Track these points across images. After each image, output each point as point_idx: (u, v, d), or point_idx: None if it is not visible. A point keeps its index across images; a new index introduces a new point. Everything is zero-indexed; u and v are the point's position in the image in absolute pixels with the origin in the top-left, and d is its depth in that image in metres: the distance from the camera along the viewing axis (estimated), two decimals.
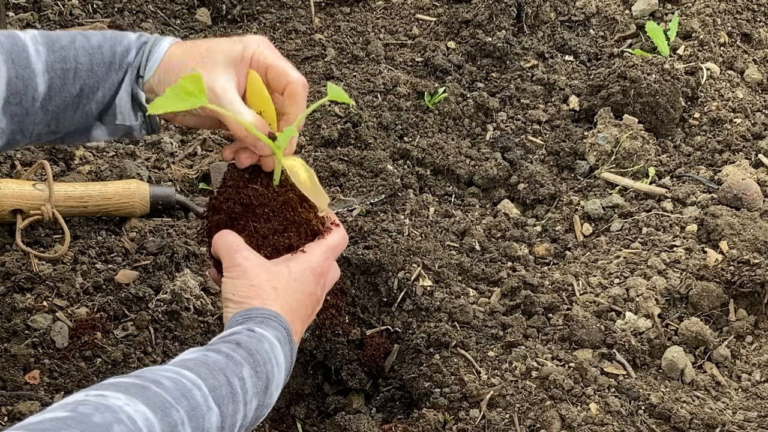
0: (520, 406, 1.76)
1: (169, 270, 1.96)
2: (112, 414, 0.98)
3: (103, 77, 1.38)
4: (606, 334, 1.93)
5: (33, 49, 1.33)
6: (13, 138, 1.35)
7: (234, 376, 1.17)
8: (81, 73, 1.36)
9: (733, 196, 2.25)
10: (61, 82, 1.34)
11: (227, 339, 1.23)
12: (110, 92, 1.39)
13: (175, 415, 1.05)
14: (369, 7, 2.99)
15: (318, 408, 1.99)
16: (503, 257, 2.22)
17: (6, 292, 1.85)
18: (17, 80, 1.30)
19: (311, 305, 1.39)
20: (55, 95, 1.35)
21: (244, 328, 1.25)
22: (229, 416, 1.14)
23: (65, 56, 1.35)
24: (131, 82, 1.40)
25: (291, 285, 1.34)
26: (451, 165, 2.47)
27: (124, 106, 1.41)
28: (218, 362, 1.17)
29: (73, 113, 1.38)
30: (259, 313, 1.29)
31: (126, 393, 1.03)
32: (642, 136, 2.46)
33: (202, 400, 1.10)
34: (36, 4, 2.78)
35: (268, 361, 1.23)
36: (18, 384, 1.69)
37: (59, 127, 1.39)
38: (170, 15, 2.91)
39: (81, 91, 1.37)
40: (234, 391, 1.16)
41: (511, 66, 2.78)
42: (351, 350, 1.99)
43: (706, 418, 1.75)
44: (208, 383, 1.13)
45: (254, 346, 1.23)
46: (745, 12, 2.88)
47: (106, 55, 1.38)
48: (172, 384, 1.08)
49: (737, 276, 1.98)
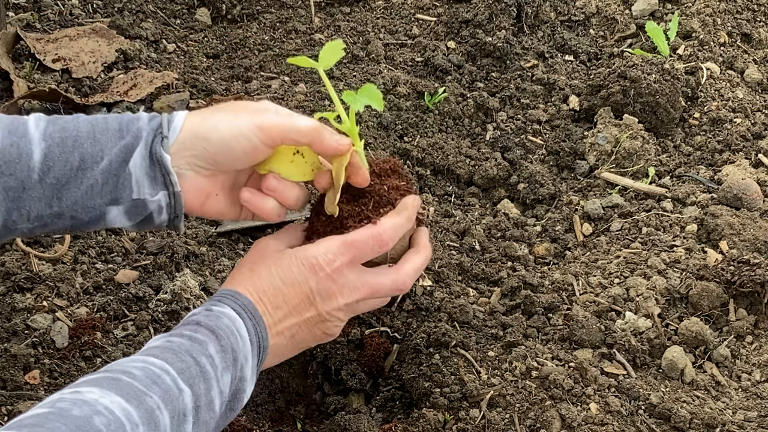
0: (520, 406, 1.76)
1: (169, 270, 1.96)
2: (89, 407, 0.99)
3: (108, 144, 1.25)
4: (606, 334, 1.93)
5: (33, 122, 1.25)
6: (9, 217, 1.23)
7: (201, 355, 1.17)
8: (81, 140, 1.24)
9: (733, 196, 2.25)
10: (59, 150, 1.23)
11: (187, 321, 1.24)
12: (119, 159, 1.25)
13: (150, 401, 1.06)
14: (369, 7, 2.99)
15: (318, 408, 1.99)
16: (503, 257, 2.22)
17: (6, 292, 1.85)
18: (11, 148, 1.21)
19: (298, 296, 1.30)
20: (54, 165, 1.23)
21: (201, 309, 1.25)
22: (203, 394, 1.14)
23: (65, 126, 1.25)
24: (148, 146, 1.26)
25: (270, 269, 1.30)
26: (451, 165, 2.47)
27: (139, 174, 1.26)
28: (182, 345, 1.17)
29: (77, 189, 1.24)
30: (219, 294, 1.28)
31: (99, 386, 1.04)
32: (642, 136, 2.46)
33: (172, 384, 1.11)
34: (36, 4, 2.78)
35: (231, 335, 1.22)
36: (18, 384, 1.69)
37: (63, 206, 1.24)
38: (170, 15, 2.91)
39: (82, 161, 1.24)
40: (204, 370, 1.16)
41: (511, 66, 2.78)
42: (351, 350, 1.99)
43: (706, 418, 1.75)
44: (176, 366, 1.13)
45: (213, 322, 1.22)
46: (745, 12, 2.88)
47: (111, 123, 1.27)
48: (141, 372, 1.09)
49: (737, 276, 1.98)
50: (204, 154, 1.29)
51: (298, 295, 1.30)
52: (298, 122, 1.30)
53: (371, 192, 1.34)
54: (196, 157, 1.29)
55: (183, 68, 2.64)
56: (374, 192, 1.34)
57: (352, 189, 1.35)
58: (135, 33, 2.73)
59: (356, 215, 1.32)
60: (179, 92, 2.48)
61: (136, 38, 2.71)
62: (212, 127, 1.29)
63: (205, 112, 1.32)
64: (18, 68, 2.48)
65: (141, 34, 2.74)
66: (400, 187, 1.38)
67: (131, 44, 2.65)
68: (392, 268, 1.35)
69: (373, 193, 1.34)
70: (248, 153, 1.29)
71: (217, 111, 1.32)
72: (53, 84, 2.42)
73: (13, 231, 1.25)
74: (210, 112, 1.32)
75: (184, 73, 2.60)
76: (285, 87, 2.59)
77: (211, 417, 1.16)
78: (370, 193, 1.33)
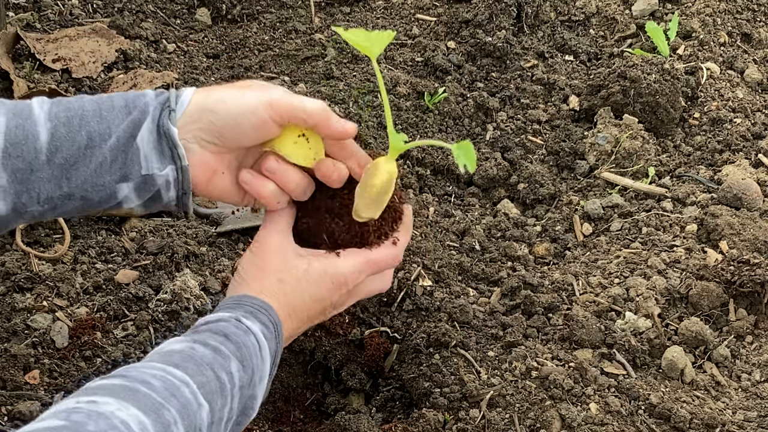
0: (520, 406, 1.76)
1: (169, 270, 1.96)
2: (105, 421, 0.97)
3: (115, 121, 1.24)
4: (606, 334, 1.93)
5: (37, 104, 1.23)
6: (18, 200, 1.21)
7: (222, 371, 1.15)
8: (88, 118, 1.23)
9: (733, 196, 2.25)
10: (65, 130, 1.22)
11: (214, 329, 1.21)
12: (126, 135, 1.24)
13: (167, 415, 1.04)
14: (369, 7, 2.99)
15: (318, 408, 1.99)
16: (503, 257, 2.22)
17: (6, 292, 1.85)
18: (17, 130, 1.19)
19: (318, 310, 1.33)
20: (61, 145, 1.21)
21: (231, 317, 1.23)
22: (218, 410, 1.14)
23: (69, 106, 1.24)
24: (155, 120, 1.25)
25: (300, 284, 1.29)
26: (451, 165, 2.47)
27: (147, 148, 1.24)
28: (206, 357, 1.16)
29: (86, 168, 1.22)
30: (251, 303, 1.26)
31: (116, 397, 1.02)
32: (642, 136, 2.46)
33: (192, 398, 1.09)
34: (36, 4, 2.78)
35: (254, 354, 1.22)
36: (18, 384, 1.69)
37: (72, 187, 1.23)
38: (170, 15, 2.91)
39: (90, 140, 1.22)
40: (222, 386, 1.15)
41: (511, 66, 2.78)
42: (351, 350, 1.99)
43: (706, 418, 1.75)
44: (197, 380, 1.11)
45: (241, 339, 1.21)
46: (745, 12, 2.88)
47: (117, 100, 1.26)
48: (160, 383, 1.08)
49: (737, 276, 1.98)
50: (211, 128, 1.27)
51: (319, 308, 1.33)
52: (306, 102, 1.30)
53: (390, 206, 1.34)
54: (203, 131, 1.27)
55: (183, 68, 2.64)
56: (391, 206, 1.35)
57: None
58: (135, 33, 2.73)
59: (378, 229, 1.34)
60: None
61: (136, 38, 2.71)
62: (220, 100, 1.28)
63: (213, 88, 1.31)
64: (18, 68, 2.48)
65: (141, 34, 2.74)
66: (402, 196, 1.41)
67: (131, 44, 2.65)
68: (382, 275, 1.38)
69: (391, 208, 1.35)
70: (256, 128, 1.28)
71: (225, 87, 1.32)
72: (53, 84, 2.42)
73: (24, 214, 1.23)
74: (218, 88, 1.31)
75: (184, 73, 2.60)
76: (285, 87, 2.59)
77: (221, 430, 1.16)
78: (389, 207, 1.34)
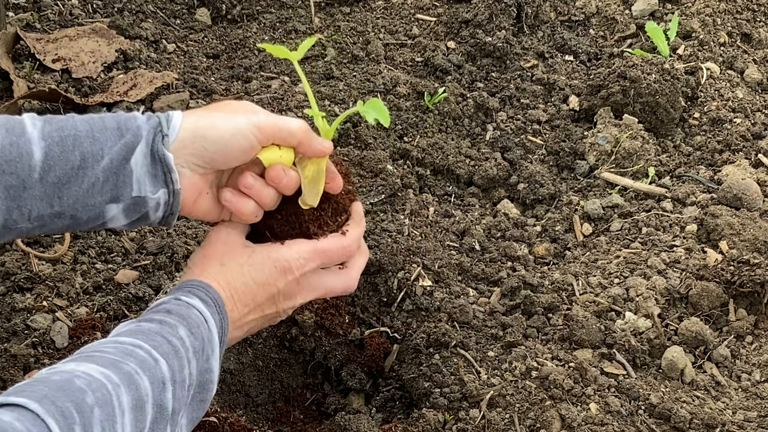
0: (520, 406, 1.76)
1: (169, 270, 1.96)
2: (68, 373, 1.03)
3: (108, 143, 1.26)
4: (606, 334, 1.93)
5: (29, 121, 1.25)
6: (9, 217, 1.23)
7: (172, 336, 1.19)
8: (81, 139, 1.25)
9: (733, 196, 2.25)
10: (59, 150, 1.23)
11: (156, 309, 1.25)
12: (120, 157, 1.27)
13: (127, 367, 1.08)
14: (369, 7, 2.99)
15: (318, 408, 1.99)
16: (503, 257, 2.22)
17: (6, 292, 1.85)
18: (11, 147, 1.21)
19: (264, 296, 1.35)
20: (54, 164, 1.23)
21: (171, 298, 1.27)
22: (177, 371, 1.16)
23: (62, 126, 1.26)
24: (149, 144, 1.28)
25: (243, 268, 1.34)
26: (450, 165, 2.47)
27: (140, 172, 1.28)
28: (152, 328, 1.19)
29: (78, 188, 1.25)
30: (190, 284, 1.30)
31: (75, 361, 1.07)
32: (642, 136, 2.46)
33: (147, 356, 1.13)
34: (36, 4, 2.78)
35: (201, 324, 1.24)
36: None
37: (64, 206, 1.25)
38: (170, 15, 2.91)
39: (83, 161, 1.25)
40: (176, 348, 1.17)
41: (511, 66, 2.78)
42: (351, 350, 1.99)
43: (706, 418, 1.75)
44: (149, 343, 1.15)
45: (184, 311, 1.24)
46: (745, 12, 2.88)
47: (108, 121, 1.29)
48: (113, 349, 1.12)
49: (737, 276, 1.98)
50: (203, 153, 1.31)
51: (265, 294, 1.36)
52: (290, 123, 1.35)
53: (329, 197, 1.40)
54: (194, 156, 1.31)
55: (183, 68, 2.64)
56: (332, 198, 1.41)
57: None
58: (135, 33, 2.73)
59: (315, 219, 1.39)
60: (179, 92, 2.48)
61: (136, 38, 2.71)
62: (211, 125, 1.32)
63: (199, 112, 1.36)
64: (18, 68, 2.48)
65: (141, 34, 2.74)
66: (351, 191, 1.45)
67: (131, 44, 2.65)
68: (343, 272, 1.43)
69: (332, 200, 1.41)
70: (245, 151, 1.33)
71: (212, 110, 1.36)
72: (53, 84, 2.42)
73: (12, 231, 1.26)
74: (205, 112, 1.36)
75: (184, 73, 2.60)
76: (285, 87, 2.59)
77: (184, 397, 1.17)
78: (329, 198, 1.40)
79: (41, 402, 0.96)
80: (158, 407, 1.10)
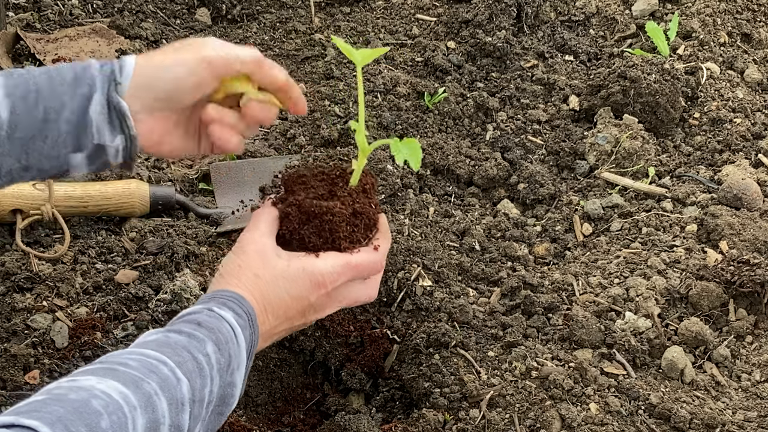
0: (520, 406, 1.76)
1: (169, 270, 1.96)
2: (86, 392, 1.02)
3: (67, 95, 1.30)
4: (606, 334, 1.93)
5: None
6: None
7: (198, 353, 1.18)
8: (43, 93, 1.28)
9: (733, 196, 2.25)
10: (23, 105, 1.26)
11: (187, 319, 1.24)
12: (79, 109, 1.30)
13: (147, 386, 1.07)
14: (369, 7, 2.99)
15: (318, 408, 1.99)
16: (503, 257, 2.22)
17: (6, 292, 1.85)
18: None
19: (297, 309, 1.35)
20: (20, 122, 1.26)
21: (204, 308, 1.26)
22: (198, 390, 1.15)
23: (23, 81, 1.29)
24: (104, 93, 1.31)
25: (277, 280, 1.33)
26: (451, 165, 2.47)
27: (98, 120, 1.31)
28: (180, 341, 1.18)
29: (42, 142, 1.29)
30: (223, 295, 1.29)
31: (95, 375, 1.06)
32: (642, 136, 2.46)
33: (170, 374, 1.12)
34: (36, 4, 2.79)
35: (230, 340, 1.24)
36: (18, 384, 1.69)
37: (31, 160, 1.30)
38: (170, 15, 2.91)
39: (46, 115, 1.28)
40: (200, 366, 1.17)
41: (511, 66, 2.78)
42: (351, 350, 1.99)
43: (706, 418, 1.75)
44: (174, 359, 1.14)
45: (215, 324, 1.23)
46: (745, 12, 2.88)
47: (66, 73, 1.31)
48: (137, 363, 1.11)
49: (737, 276, 1.98)
50: (157, 95, 1.33)
51: (298, 307, 1.35)
52: (240, 52, 1.36)
53: (362, 213, 1.40)
54: (150, 99, 1.33)
55: None
56: (364, 213, 1.40)
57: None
58: (135, 33, 2.73)
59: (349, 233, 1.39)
60: None
61: (136, 38, 2.71)
62: (161, 66, 1.33)
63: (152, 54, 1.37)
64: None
65: (141, 34, 2.74)
66: (378, 205, 1.45)
67: (131, 44, 2.65)
68: (367, 281, 1.42)
69: (363, 215, 1.40)
70: (197, 87, 1.34)
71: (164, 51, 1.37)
72: None
73: None
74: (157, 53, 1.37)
75: None
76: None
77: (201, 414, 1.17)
78: (361, 213, 1.39)
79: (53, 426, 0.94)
80: (174, 428, 1.09)
